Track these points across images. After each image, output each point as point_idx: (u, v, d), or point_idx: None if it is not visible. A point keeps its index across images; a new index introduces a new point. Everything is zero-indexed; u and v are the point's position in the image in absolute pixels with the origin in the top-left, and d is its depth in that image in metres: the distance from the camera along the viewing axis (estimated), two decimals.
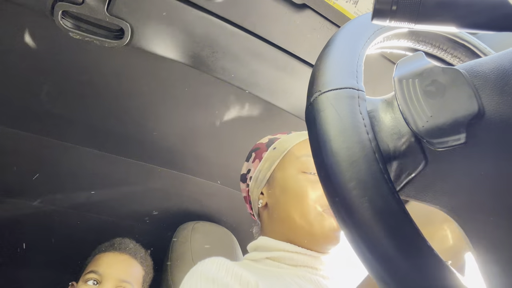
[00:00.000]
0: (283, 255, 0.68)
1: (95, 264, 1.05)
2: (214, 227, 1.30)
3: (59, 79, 0.86)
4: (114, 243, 1.12)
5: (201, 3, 0.69)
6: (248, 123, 1.04)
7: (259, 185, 0.76)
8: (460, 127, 0.25)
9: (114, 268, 1.05)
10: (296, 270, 0.68)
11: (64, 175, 1.11)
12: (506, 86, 0.25)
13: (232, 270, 0.58)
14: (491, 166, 0.25)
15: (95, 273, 1.03)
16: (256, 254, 0.72)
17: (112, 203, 1.22)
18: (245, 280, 0.56)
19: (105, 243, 1.13)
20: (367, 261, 0.24)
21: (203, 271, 0.58)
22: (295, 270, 0.68)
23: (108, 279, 1.02)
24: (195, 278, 0.57)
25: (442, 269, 0.23)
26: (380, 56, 0.81)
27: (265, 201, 0.75)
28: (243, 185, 0.82)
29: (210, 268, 0.58)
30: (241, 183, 0.83)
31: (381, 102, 0.31)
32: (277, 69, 0.82)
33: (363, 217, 0.24)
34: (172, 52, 0.76)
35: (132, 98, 0.93)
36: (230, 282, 0.55)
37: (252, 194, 0.78)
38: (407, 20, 0.27)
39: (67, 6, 0.64)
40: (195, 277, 0.58)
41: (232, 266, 0.59)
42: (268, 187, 0.75)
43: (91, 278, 1.02)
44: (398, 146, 0.28)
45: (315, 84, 0.30)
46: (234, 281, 0.56)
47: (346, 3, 0.69)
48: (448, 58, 0.43)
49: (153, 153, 1.10)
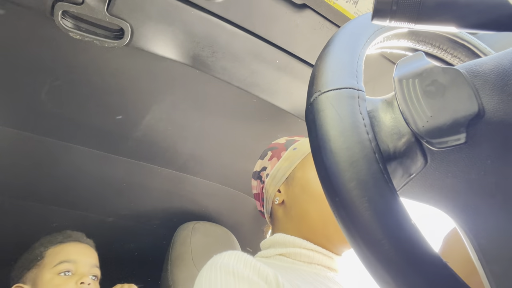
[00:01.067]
0: (300, 252, 0.69)
1: (63, 255, 0.99)
2: (214, 227, 1.30)
3: (59, 79, 0.86)
4: (71, 234, 1.08)
5: (201, 3, 0.69)
6: (248, 123, 1.04)
7: (277, 183, 0.77)
8: (460, 127, 0.25)
9: (85, 255, 1.02)
10: (311, 267, 0.68)
11: (64, 175, 1.11)
12: (506, 86, 0.25)
13: (251, 263, 0.58)
14: (491, 166, 0.25)
15: (68, 262, 0.97)
16: (271, 250, 0.72)
17: (112, 203, 1.22)
18: (264, 273, 0.56)
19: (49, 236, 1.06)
20: (367, 261, 0.24)
21: (223, 264, 0.57)
22: (309, 267, 0.68)
23: (82, 266, 0.98)
24: (214, 270, 0.57)
25: (442, 269, 0.23)
26: (380, 56, 0.81)
27: (282, 198, 0.76)
28: (256, 182, 0.82)
29: (228, 260, 0.58)
30: (253, 180, 0.84)
31: (381, 102, 0.31)
32: (277, 69, 0.82)
33: (363, 217, 0.24)
34: (172, 52, 0.76)
35: (132, 98, 0.93)
36: (249, 275, 0.55)
37: (268, 191, 0.79)
38: (407, 20, 0.27)
39: (67, 6, 0.64)
40: (214, 269, 0.57)
41: (250, 259, 0.59)
42: (286, 185, 0.76)
43: (64, 269, 0.95)
44: (398, 146, 0.28)
45: (315, 84, 0.30)
46: (253, 274, 0.55)
47: (346, 3, 0.69)
48: (448, 58, 0.43)
49: (153, 153, 1.10)
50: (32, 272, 0.98)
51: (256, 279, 0.55)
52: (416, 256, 0.23)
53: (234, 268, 0.56)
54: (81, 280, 0.95)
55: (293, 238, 0.70)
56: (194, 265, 1.15)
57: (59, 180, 1.12)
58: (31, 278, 0.97)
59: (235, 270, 0.56)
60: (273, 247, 0.72)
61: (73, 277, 0.96)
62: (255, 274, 0.56)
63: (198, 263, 1.16)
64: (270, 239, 0.74)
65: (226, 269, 0.56)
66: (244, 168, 1.20)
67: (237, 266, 0.56)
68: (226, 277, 0.55)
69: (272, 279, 0.56)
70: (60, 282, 0.94)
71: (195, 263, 1.16)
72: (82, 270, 0.98)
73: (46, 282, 0.94)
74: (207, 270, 0.58)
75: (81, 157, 1.07)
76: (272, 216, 0.79)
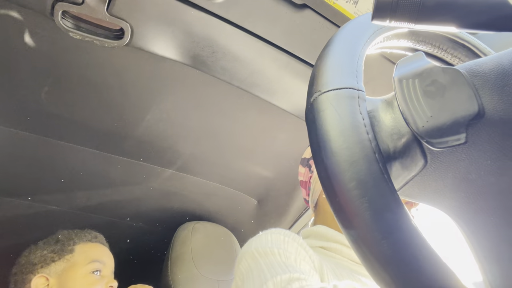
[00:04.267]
0: (340, 248, 0.68)
1: (95, 254, 0.99)
2: (214, 227, 1.30)
3: (59, 79, 0.86)
4: (96, 235, 1.08)
5: (201, 3, 0.69)
6: (248, 123, 1.04)
7: None
8: (460, 127, 0.25)
9: (110, 259, 1.03)
10: (349, 264, 0.68)
11: (64, 175, 1.11)
12: (506, 86, 0.25)
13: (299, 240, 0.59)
14: (491, 166, 0.25)
15: (100, 262, 0.97)
16: (312, 241, 0.71)
17: (112, 203, 1.22)
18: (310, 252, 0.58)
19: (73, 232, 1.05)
20: (367, 261, 0.24)
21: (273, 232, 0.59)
22: (348, 263, 0.68)
23: (107, 269, 0.99)
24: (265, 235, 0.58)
25: (442, 269, 0.23)
26: (380, 56, 0.81)
27: None
28: (304, 169, 0.82)
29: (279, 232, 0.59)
30: (301, 166, 0.83)
31: (381, 102, 0.31)
32: (277, 69, 0.82)
33: (363, 217, 0.24)
34: (172, 52, 0.76)
35: (132, 98, 0.93)
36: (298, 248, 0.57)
37: (317, 182, 0.78)
38: (407, 20, 0.27)
39: (67, 6, 0.64)
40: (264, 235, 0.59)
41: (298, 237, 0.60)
42: None
43: (96, 268, 0.95)
44: (398, 146, 0.28)
45: (315, 84, 0.30)
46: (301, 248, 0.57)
47: (346, 3, 0.69)
48: (448, 58, 0.43)
49: (153, 153, 1.10)
50: (58, 264, 0.95)
51: (304, 253, 0.56)
52: (416, 257, 0.23)
53: (285, 235, 0.58)
54: (110, 283, 0.95)
55: (336, 233, 0.70)
56: (194, 265, 1.15)
57: (59, 180, 1.12)
58: (57, 271, 0.94)
59: (286, 237, 0.57)
60: (314, 238, 0.72)
61: (102, 278, 0.95)
62: (303, 249, 0.57)
63: (198, 263, 1.16)
64: (312, 229, 0.74)
65: (277, 234, 0.58)
66: (244, 168, 1.20)
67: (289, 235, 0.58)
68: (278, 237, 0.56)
69: (316, 263, 0.57)
70: (92, 281, 0.93)
71: (195, 263, 1.16)
72: (107, 273, 0.99)
73: (78, 278, 0.92)
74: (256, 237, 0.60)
75: (81, 157, 1.07)
76: (316, 207, 0.79)
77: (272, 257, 0.53)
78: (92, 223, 1.22)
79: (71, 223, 1.18)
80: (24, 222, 1.18)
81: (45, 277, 0.93)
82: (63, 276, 0.93)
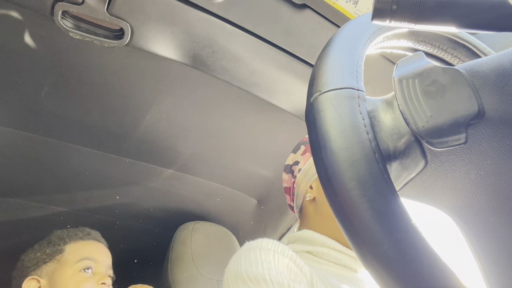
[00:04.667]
0: (327, 252, 0.68)
1: (85, 252, 0.98)
2: (214, 227, 1.30)
3: (59, 79, 0.86)
4: (90, 232, 1.06)
5: (201, 3, 0.69)
6: (248, 123, 1.04)
7: (309, 179, 0.76)
8: (460, 127, 0.25)
9: (103, 255, 1.02)
10: (337, 268, 0.68)
11: (64, 175, 1.11)
12: (506, 86, 0.25)
13: (288, 251, 0.58)
14: (491, 166, 0.25)
15: (90, 259, 0.95)
16: (298, 246, 0.71)
17: (112, 203, 1.22)
18: (300, 264, 0.57)
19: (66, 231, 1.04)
20: (367, 261, 0.24)
21: (262, 246, 0.58)
22: (335, 268, 0.68)
23: (101, 266, 0.98)
24: (254, 251, 0.57)
25: (442, 269, 0.23)
26: (380, 56, 0.81)
27: (313, 195, 0.75)
28: (287, 175, 0.81)
29: (267, 244, 0.58)
30: (284, 173, 0.83)
31: (381, 102, 0.31)
32: (277, 69, 0.82)
33: (363, 217, 0.24)
34: (172, 52, 0.76)
35: (132, 98, 0.93)
36: (288, 262, 0.56)
37: (299, 186, 0.78)
38: (407, 20, 0.27)
39: (67, 6, 0.64)
40: (253, 250, 0.57)
41: (287, 248, 0.59)
42: (318, 182, 0.75)
43: (86, 266, 0.93)
44: (398, 146, 0.28)
45: (315, 84, 0.30)
46: (291, 262, 0.56)
47: (346, 3, 0.69)
48: (448, 58, 0.43)
49: (153, 153, 1.10)
50: (49, 265, 0.95)
51: (296, 269, 0.55)
52: (416, 257, 0.23)
53: (275, 251, 0.57)
54: (102, 280, 0.94)
55: (322, 237, 0.70)
56: (194, 265, 1.15)
57: (59, 180, 1.11)
58: (48, 272, 0.94)
59: (275, 254, 0.56)
60: (300, 243, 0.71)
61: (94, 276, 0.94)
62: (293, 263, 0.56)
63: (198, 263, 1.16)
64: (298, 234, 0.73)
65: (266, 250, 0.56)
66: (244, 168, 1.20)
67: (277, 249, 0.57)
68: (267, 256, 0.55)
69: (308, 276, 0.56)
70: (81, 279, 0.91)
71: (195, 263, 1.16)
72: (100, 269, 0.97)
73: (67, 277, 0.91)
74: (245, 252, 0.58)
75: (81, 157, 1.07)
76: (301, 212, 0.79)
77: (265, 286, 0.52)
78: (92, 223, 1.22)
79: (71, 223, 1.18)
80: (24, 222, 1.18)
81: (36, 279, 0.93)
82: (54, 277, 0.93)
